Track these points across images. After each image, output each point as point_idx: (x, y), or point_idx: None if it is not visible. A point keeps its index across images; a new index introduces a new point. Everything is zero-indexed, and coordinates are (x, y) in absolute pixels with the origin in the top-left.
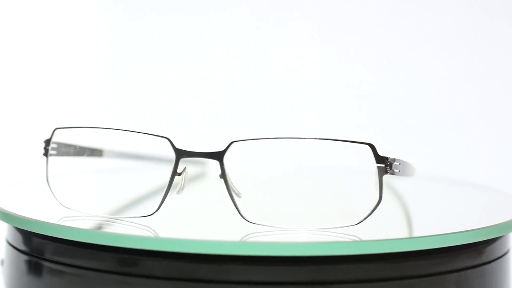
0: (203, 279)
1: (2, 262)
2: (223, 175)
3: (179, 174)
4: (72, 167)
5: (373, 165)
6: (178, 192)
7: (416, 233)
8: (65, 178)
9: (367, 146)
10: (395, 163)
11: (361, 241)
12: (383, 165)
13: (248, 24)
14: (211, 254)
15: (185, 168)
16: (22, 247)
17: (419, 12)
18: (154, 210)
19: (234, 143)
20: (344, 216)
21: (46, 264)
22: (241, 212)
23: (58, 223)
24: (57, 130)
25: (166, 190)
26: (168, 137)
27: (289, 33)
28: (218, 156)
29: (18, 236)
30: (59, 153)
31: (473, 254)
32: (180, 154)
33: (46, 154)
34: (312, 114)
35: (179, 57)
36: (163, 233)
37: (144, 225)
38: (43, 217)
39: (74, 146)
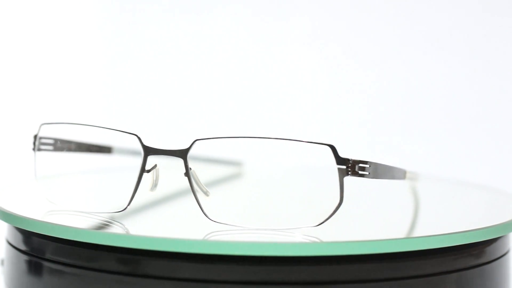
0: (203, 279)
1: (2, 262)
2: (186, 173)
3: (148, 171)
4: (78, 163)
5: (334, 167)
6: (151, 189)
7: (417, 233)
8: (68, 174)
9: (328, 147)
10: (361, 164)
11: (361, 241)
12: (344, 167)
13: (233, 23)
14: (211, 254)
15: (155, 165)
16: (22, 247)
17: (407, 11)
18: (124, 207)
19: (198, 141)
20: (307, 217)
21: (46, 264)
22: (204, 210)
23: (58, 223)
24: (44, 126)
25: (135, 187)
26: (137, 134)
27: (276, 33)
28: (182, 154)
29: (18, 236)
30: (56, 149)
31: (473, 254)
32: (148, 151)
33: (34, 149)
34: (318, 114)
35: (171, 56)
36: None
37: (114, 221)
38: (43, 217)
39: (77, 142)
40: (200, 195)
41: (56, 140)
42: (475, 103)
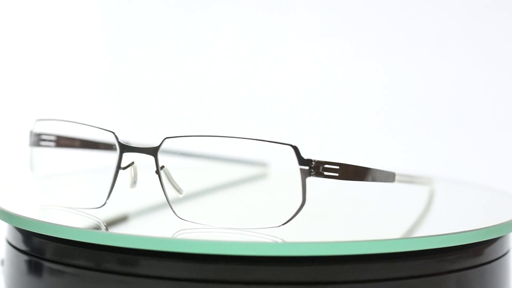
0: (204, 279)
1: (2, 262)
2: (157, 171)
3: (124, 168)
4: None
5: (296, 167)
6: (131, 186)
7: (417, 233)
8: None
9: (291, 148)
10: (328, 165)
11: (361, 241)
12: (306, 167)
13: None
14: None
15: (132, 162)
16: (22, 247)
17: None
18: (102, 204)
19: (167, 139)
20: (273, 218)
21: (46, 264)
22: (174, 209)
23: (58, 223)
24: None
25: (112, 184)
26: (114, 131)
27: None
28: (153, 151)
29: (18, 236)
30: (59, 145)
31: (473, 254)
32: (123, 148)
33: (33, 144)
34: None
35: (169, 54)
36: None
37: (93, 216)
38: (43, 217)
39: (86, 140)
40: (173, 193)
41: (58, 136)
42: (475, 103)
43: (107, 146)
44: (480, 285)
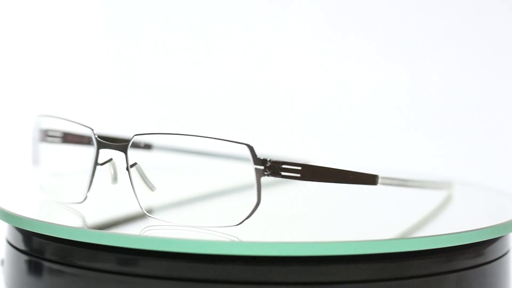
0: (203, 279)
1: (2, 262)
2: (127, 168)
3: (101, 164)
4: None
5: (251, 166)
6: (112, 182)
7: (416, 234)
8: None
9: (246, 147)
10: (286, 166)
11: (361, 241)
12: (261, 167)
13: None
14: (210, 254)
15: (110, 159)
16: (22, 247)
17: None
18: (83, 199)
19: (136, 136)
20: (231, 217)
21: (46, 264)
22: (141, 205)
23: (58, 223)
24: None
25: (90, 180)
26: (92, 127)
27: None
28: (123, 148)
29: (18, 236)
30: (65, 141)
31: (473, 254)
32: (100, 144)
33: (40, 140)
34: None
35: (169, 52)
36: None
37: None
38: (43, 217)
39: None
40: (144, 189)
41: (66, 133)
42: (475, 102)
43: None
44: (480, 285)
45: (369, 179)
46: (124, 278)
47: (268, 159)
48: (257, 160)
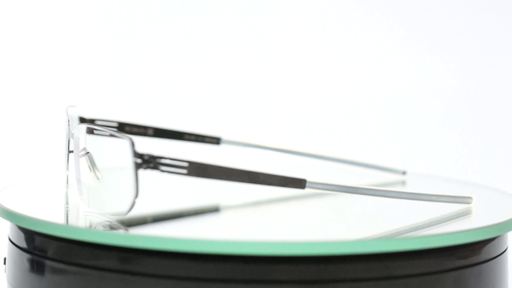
0: (203, 278)
1: (5, 260)
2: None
3: (70, 152)
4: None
5: (131, 160)
6: (90, 171)
7: (416, 233)
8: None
9: (128, 141)
10: (165, 161)
11: (361, 241)
12: (139, 161)
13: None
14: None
15: (85, 151)
16: (25, 246)
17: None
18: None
19: (81, 124)
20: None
21: (48, 262)
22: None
23: (60, 222)
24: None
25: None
26: (69, 118)
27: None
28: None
29: (21, 234)
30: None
31: (471, 253)
32: (70, 134)
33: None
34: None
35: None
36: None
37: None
38: (45, 215)
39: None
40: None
41: (129, 124)
42: (475, 103)
43: (177, 135)
44: (477, 284)
45: (296, 183)
46: (125, 276)
47: (145, 154)
48: (136, 154)
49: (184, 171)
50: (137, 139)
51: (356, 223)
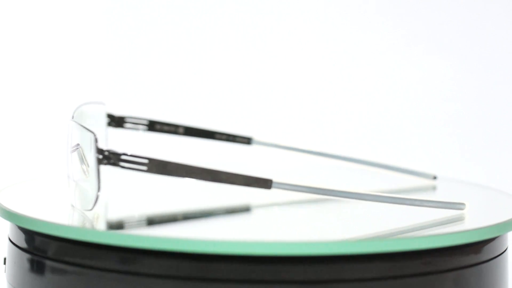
0: (203, 278)
1: (5, 260)
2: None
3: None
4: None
5: (93, 155)
6: (80, 164)
7: (416, 233)
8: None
9: (92, 136)
10: (126, 157)
11: (360, 240)
12: (101, 156)
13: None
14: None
15: (77, 147)
16: (25, 246)
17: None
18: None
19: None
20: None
21: (48, 262)
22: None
23: (60, 222)
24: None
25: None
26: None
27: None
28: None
29: (21, 234)
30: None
31: (471, 253)
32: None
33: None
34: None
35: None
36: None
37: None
38: (45, 216)
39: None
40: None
41: (160, 123)
42: (475, 103)
43: (209, 134)
44: (477, 284)
45: (262, 183)
46: (125, 276)
47: (105, 150)
48: (98, 150)
49: (144, 167)
50: (168, 137)
51: (356, 224)
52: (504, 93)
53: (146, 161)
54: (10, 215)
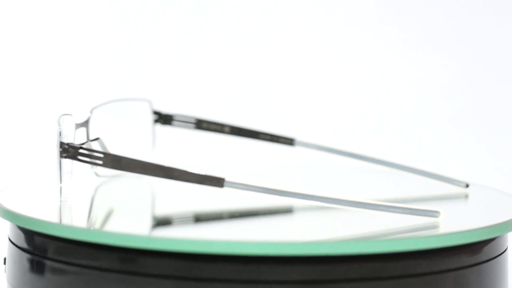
0: (204, 278)
1: (5, 260)
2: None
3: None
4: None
5: (56, 148)
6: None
7: (416, 233)
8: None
9: (57, 130)
10: (84, 151)
11: (360, 240)
12: (61, 149)
13: None
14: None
15: (97, 138)
16: (25, 246)
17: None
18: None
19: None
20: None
21: (48, 262)
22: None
23: (60, 222)
24: None
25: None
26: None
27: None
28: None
29: (21, 234)
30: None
31: (472, 253)
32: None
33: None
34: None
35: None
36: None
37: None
38: (45, 216)
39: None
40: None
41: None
42: (475, 103)
43: (253, 134)
44: (478, 284)
45: (214, 181)
46: (125, 276)
47: (66, 143)
48: (60, 143)
49: (100, 161)
50: (213, 136)
51: (356, 224)
52: (504, 93)
53: (101, 155)
54: (10, 215)
